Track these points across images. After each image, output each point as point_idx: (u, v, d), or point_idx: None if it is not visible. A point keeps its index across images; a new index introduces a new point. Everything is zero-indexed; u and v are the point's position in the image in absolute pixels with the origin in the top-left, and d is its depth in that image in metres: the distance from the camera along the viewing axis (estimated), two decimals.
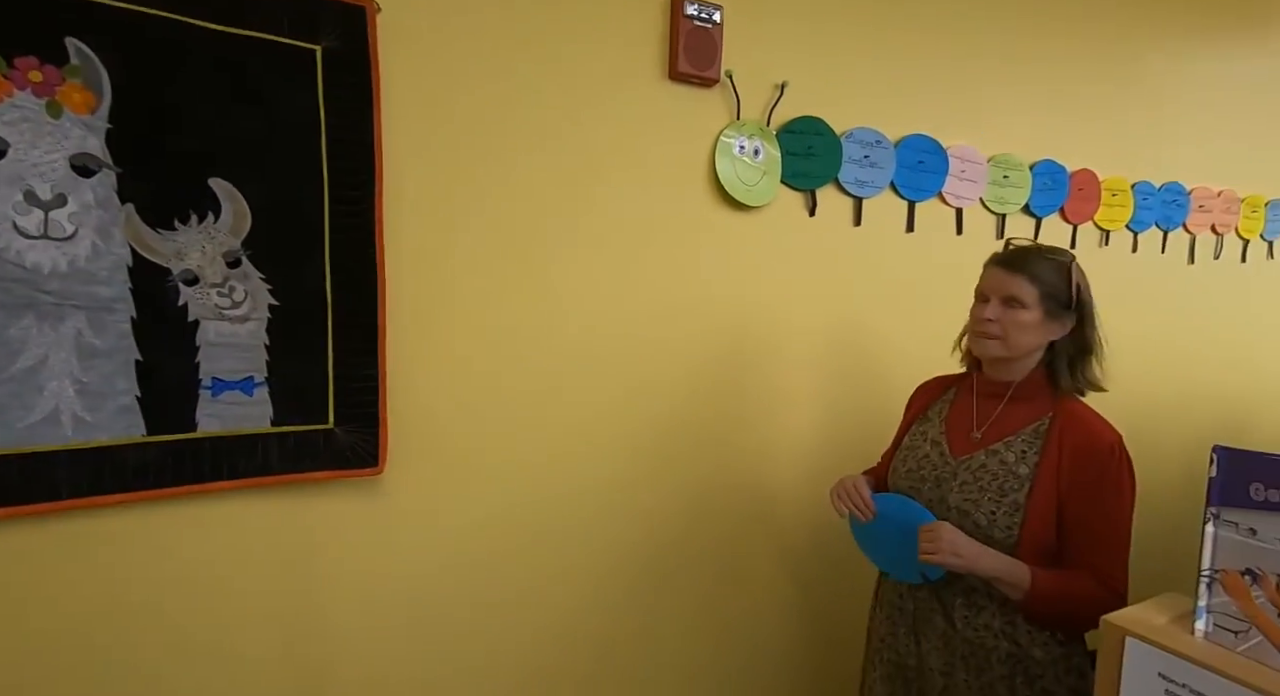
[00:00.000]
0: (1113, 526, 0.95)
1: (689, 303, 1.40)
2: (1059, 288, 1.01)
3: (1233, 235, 2.34)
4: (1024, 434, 1.02)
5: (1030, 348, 1.03)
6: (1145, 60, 2.00)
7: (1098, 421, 1.01)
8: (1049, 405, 1.03)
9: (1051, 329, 1.02)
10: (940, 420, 1.13)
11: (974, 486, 1.01)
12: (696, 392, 1.45)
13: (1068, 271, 1.02)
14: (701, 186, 1.38)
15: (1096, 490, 0.95)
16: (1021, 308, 1.01)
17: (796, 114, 1.45)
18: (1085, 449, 0.96)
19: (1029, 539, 0.95)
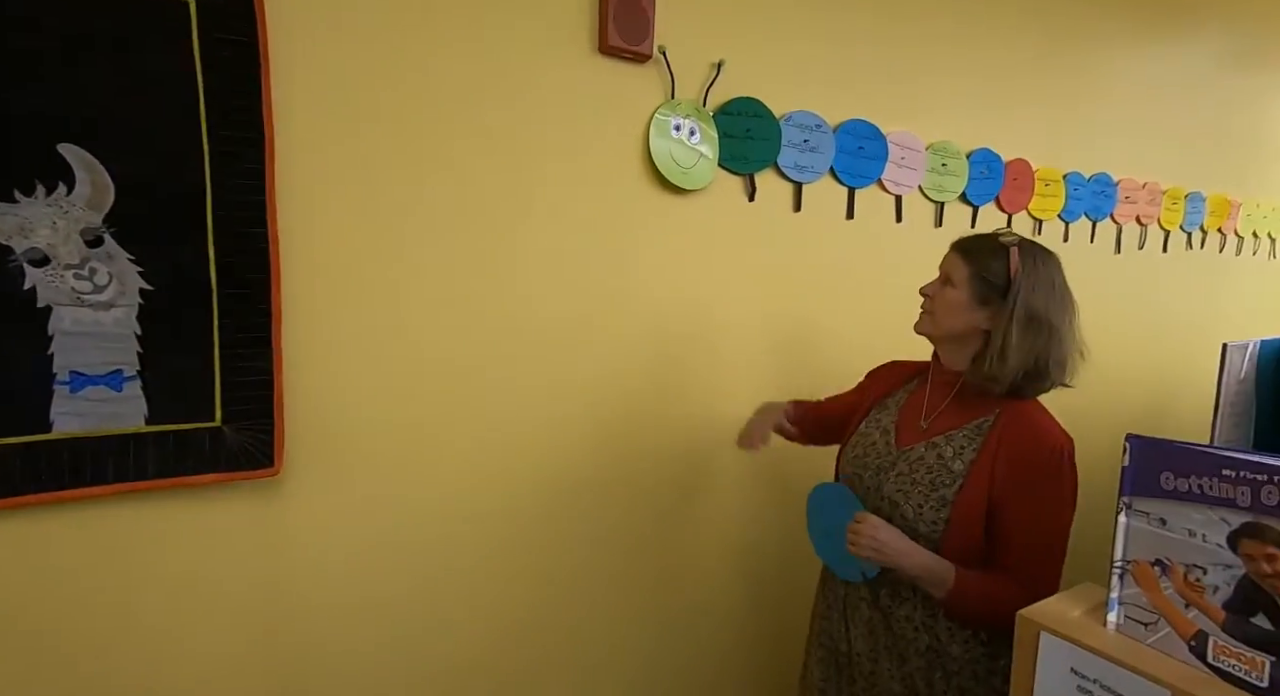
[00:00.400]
0: (1044, 533, 0.91)
1: (622, 291, 1.34)
2: (994, 272, 0.95)
3: (1155, 226, 2.43)
4: (966, 429, 0.98)
5: (956, 329, 0.99)
6: (1077, 54, 2.03)
7: (1044, 424, 0.95)
8: (997, 402, 0.97)
9: (979, 314, 0.96)
10: (896, 409, 1.10)
11: (908, 478, 0.98)
12: (629, 386, 1.39)
13: (1007, 256, 0.95)
14: (635, 169, 1.32)
15: (1030, 495, 0.90)
16: (952, 286, 0.99)
17: (734, 94, 1.40)
18: (1023, 452, 0.92)
19: (954, 536, 0.92)
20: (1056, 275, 0.97)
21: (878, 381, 1.20)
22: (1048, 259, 0.98)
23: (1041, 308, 0.93)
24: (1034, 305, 0.93)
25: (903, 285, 1.83)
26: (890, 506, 0.99)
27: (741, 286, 1.51)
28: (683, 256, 1.41)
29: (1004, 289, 0.95)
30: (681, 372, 1.46)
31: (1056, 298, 0.95)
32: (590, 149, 1.26)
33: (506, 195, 1.19)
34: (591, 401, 1.35)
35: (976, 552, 0.93)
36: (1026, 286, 0.93)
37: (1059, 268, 0.98)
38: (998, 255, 0.96)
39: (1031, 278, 0.94)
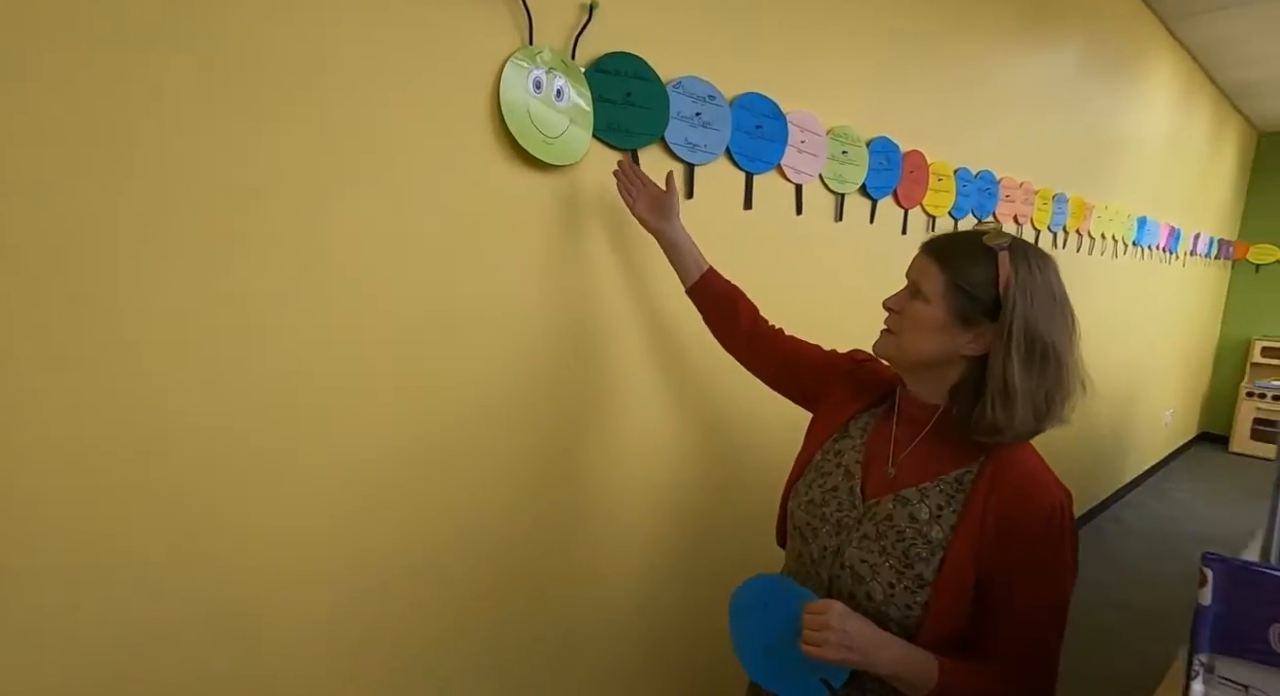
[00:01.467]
0: (1044, 613, 0.73)
1: (467, 294, 1.02)
2: (978, 284, 0.73)
3: (1029, 225, 2.46)
4: (944, 481, 0.77)
5: (929, 355, 0.77)
6: (963, 49, 1.96)
7: (1040, 477, 0.74)
8: (980, 446, 0.75)
9: (961, 338, 0.75)
10: (861, 441, 0.86)
11: (875, 545, 0.77)
12: (473, 410, 1.07)
13: (994, 260, 0.72)
14: (481, 134, 1.00)
15: (1027, 569, 0.71)
16: (923, 300, 0.77)
17: (610, 48, 1.12)
18: (1017, 514, 0.72)
19: (933, 624, 0.72)
20: (1056, 284, 0.74)
21: (847, 386, 0.93)
22: (1045, 264, 0.74)
23: (1044, 330, 0.72)
24: (1034, 327, 0.71)
25: (806, 283, 1.68)
26: (853, 579, 0.77)
27: (621, 285, 1.23)
28: (548, 248, 1.11)
29: (992, 305, 0.73)
30: (550, 386, 1.16)
31: (1059, 314, 0.74)
32: (417, 105, 0.92)
33: (300, 167, 0.83)
34: (441, 423, 1.01)
35: (957, 641, 0.73)
36: (1023, 302, 0.71)
37: (1058, 274, 0.75)
38: (982, 261, 0.73)
39: (1028, 290, 0.71)
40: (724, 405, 1.47)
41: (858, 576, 0.77)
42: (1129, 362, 3.67)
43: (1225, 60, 3.60)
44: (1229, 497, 4.08)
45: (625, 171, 1.10)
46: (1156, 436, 4.42)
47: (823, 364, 1.00)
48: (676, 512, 1.42)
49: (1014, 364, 0.71)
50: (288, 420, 0.86)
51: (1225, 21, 3.09)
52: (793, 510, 0.88)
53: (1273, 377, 5.04)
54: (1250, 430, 5.01)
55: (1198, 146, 4.01)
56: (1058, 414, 0.74)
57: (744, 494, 1.53)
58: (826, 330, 1.70)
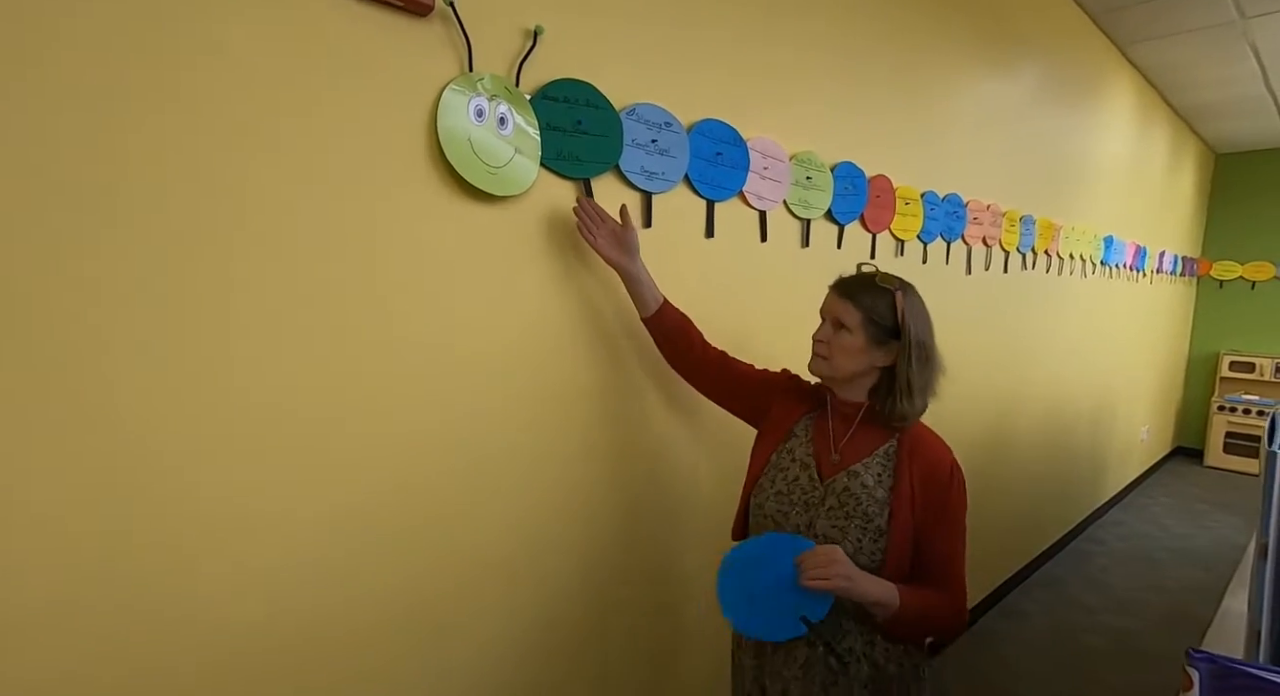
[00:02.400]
0: (955, 545, 0.98)
1: (403, 336, 0.95)
2: (883, 315, 1.00)
3: (998, 247, 2.46)
4: (877, 455, 1.01)
5: (855, 370, 1.02)
6: (926, 75, 1.96)
7: (937, 443, 1.02)
8: (890, 428, 1.02)
9: (876, 355, 1.01)
10: (808, 439, 1.08)
11: (839, 512, 0.99)
12: (410, 471, 1.00)
13: (892, 300, 1.00)
14: (419, 165, 0.94)
15: (941, 512, 0.97)
16: (846, 331, 1.01)
17: (557, 75, 1.08)
18: (930, 473, 0.98)
19: (891, 564, 0.95)
20: (923, 304, 1.02)
21: (787, 400, 1.15)
22: (916, 292, 1.03)
23: (927, 339, 1.00)
24: (922, 340, 1.00)
25: (773, 312, 1.64)
26: (826, 542, 0.98)
27: (577, 314, 1.18)
28: (497, 287, 1.05)
29: (894, 329, 0.99)
30: (500, 435, 1.09)
31: (928, 325, 1.02)
32: (348, 135, 0.86)
33: (218, 204, 0.76)
34: (356, 495, 0.93)
35: (904, 573, 0.96)
36: (915, 325, 0.99)
37: (920, 296, 1.03)
38: (882, 297, 1.00)
39: (915, 316, 1.00)
40: (681, 424, 1.41)
41: (830, 540, 0.97)
42: (1102, 380, 3.69)
43: (1178, 84, 3.70)
44: (1205, 512, 4.09)
45: (584, 208, 1.13)
46: (1133, 453, 4.44)
47: (762, 383, 1.21)
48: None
49: (913, 368, 0.98)
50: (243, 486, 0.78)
51: (1175, 48, 3.18)
52: (761, 503, 1.07)
53: (1242, 391, 5.12)
54: (1223, 444, 5.06)
55: (1158, 167, 4.10)
56: (934, 393, 1.03)
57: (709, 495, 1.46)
58: (795, 354, 1.66)
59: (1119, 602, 2.88)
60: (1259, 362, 5.04)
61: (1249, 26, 2.91)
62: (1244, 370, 5.10)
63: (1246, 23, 2.87)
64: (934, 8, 1.95)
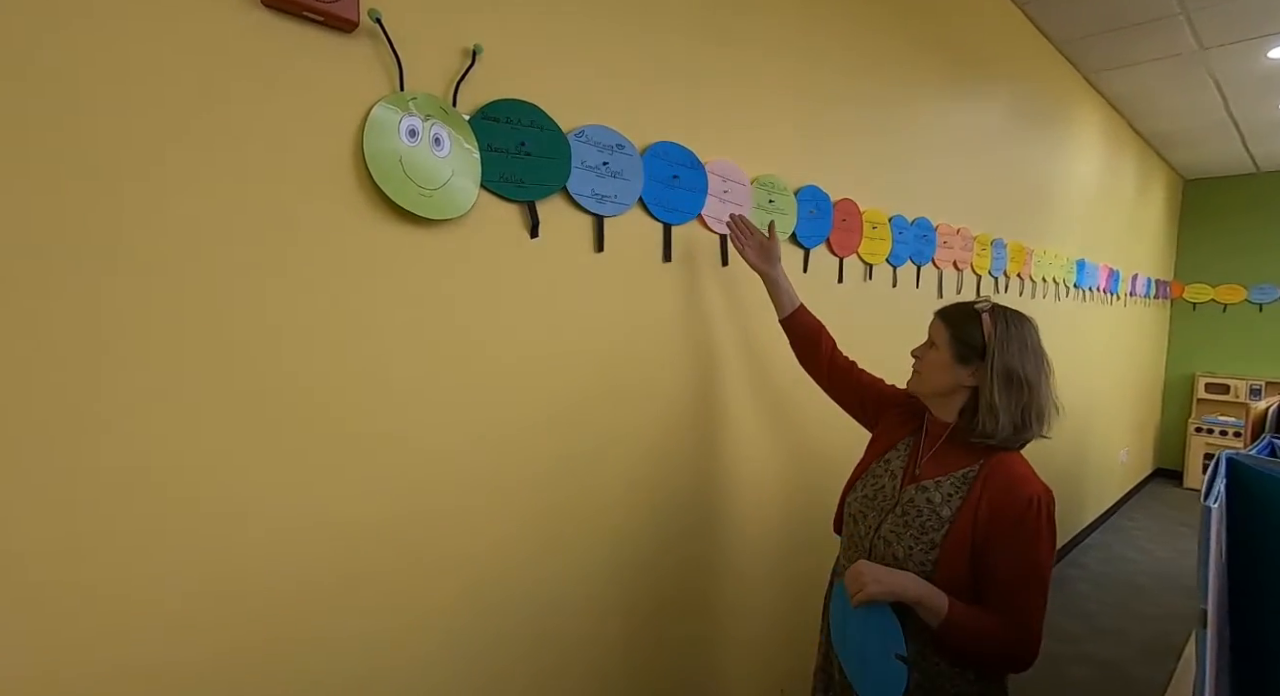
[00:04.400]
0: (1024, 576, 0.95)
1: (322, 376, 0.89)
2: (971, 334, 1.04)
3: (969, 271, 2.46)
4: (954, 477, 1.04)
5: (942, 387, 1.07)
6: (893, 97, 1.96)
7: (1023, 475, 1.00)
8: (982, 452, 1.03)
9: (962, 373, 1.04)
10: (906, 453, 1.14)
11: (901, 520, 1.05)
12: (348, 527, 0.93)
13: (977, 317, 1.04)
14: (347, 188, 0.89)
15: (1011, 540, 0.96)
16: (935, 348, 1.08)
17: (502, 95, 1.04)
18: (1003, 500, 0.98)
19: (941, 576, 0.98)
20: (1029, 336, 1.04)
21: (898, 415, 1.21)
22: (1020, 322, 1.04)
23: (1017, 366, 1.01)
24: (1010, 364, 1.01)
25: (734, 338, 1.60)
26: (884, 545, 1.05)
27: (526, 350, 1.12)
28: (424, 316, 0.99)
29: (981, 349, 1.03)
30: (442, 487, 1.02)
31: (1030, 356, 1.02)
32: (259, 158, 0.81)
33: (121, 234, 0.70)
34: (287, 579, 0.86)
35: (962, 592, 0.97)
36: (1001, 347, 1.01)
37: (1032, 330, 1.05)
38: (973, 319, 1.05)
39: (1004, 339, 1.02)
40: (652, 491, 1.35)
41: (888, 542, 1.04)
42: (1080, 403, 3.69)
43: (1143, 111, 3.77)
44: (1186, 535, 4.07)
45: (736, 223, 1.37)
46: (1113, 475, 4.43)
47: (878, 395, 1.29)
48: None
49: (996, 389, 1.00)
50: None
51: (1138, 77, 3.24)
52: (850, 502, 1.16)
53: (1218, 412, 5.15)
54: (1201, 465, 5.07)
55: (1127, 191, 4.17)
56: (1033, 426, 1.02)
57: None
58: (761, 380, 1.62)
59: (1101, 631, 2.82)
60: (1233, 384, 5.08)
61: (1208, 57, 2.97)
62: (1219, 391, 5.14)
63: (1205, 53, 2.93)
64: (901, 35, 1.96)
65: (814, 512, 1.79)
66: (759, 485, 1.64)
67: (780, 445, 1.69)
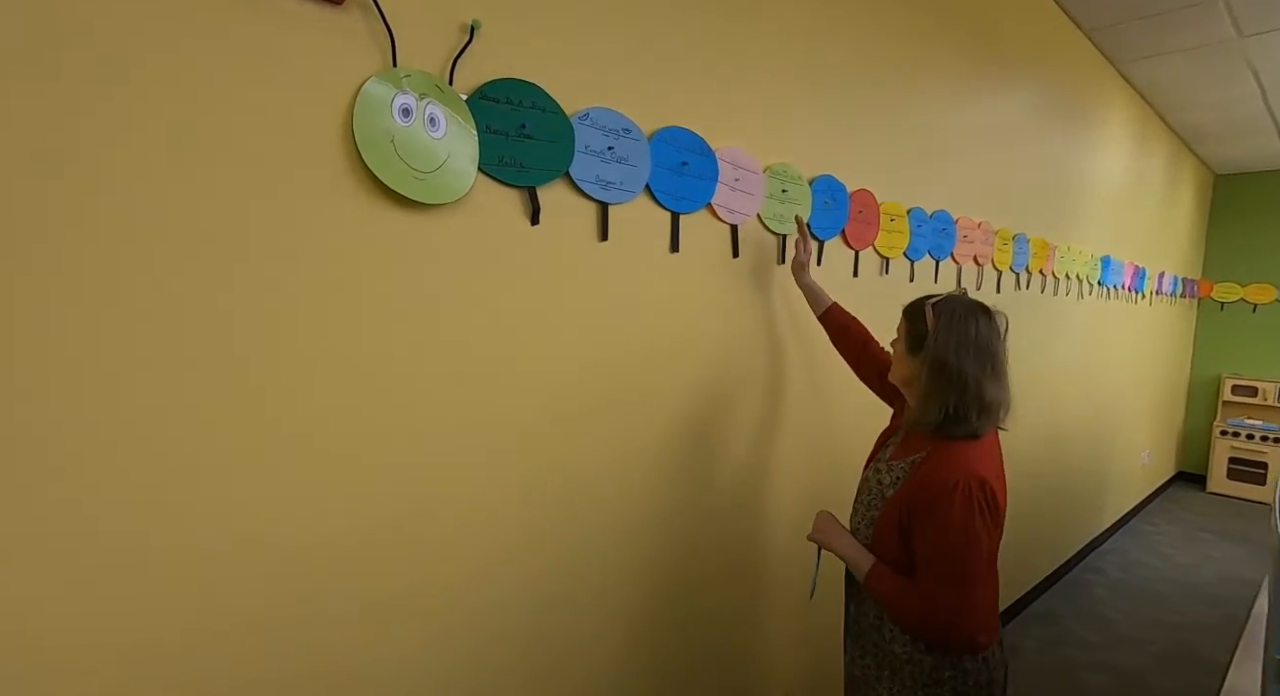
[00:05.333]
0: (930, 556, 1.00)
1: (308, 372, 0.85)
2: (917, 324, 1.08)
3: (990, 266, 2.37)
4: (906, 462, 1.11)
5: (903, 376, 1.13)
6: (913, 87, 1.89)
7: (950, 461, 1.02)
8: (931, 441, 1.07)
9: (914, 364, 1.08)
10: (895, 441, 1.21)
11: (860, 499, 1.18)
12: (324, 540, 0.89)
13: (921, 309, 1.08)
14: (336, 170, 0.85)
15: (924, 522, 1.01)
16: (898, 340, 1.14)
17: (497, 74, 0.99)
18: (923, 484, 1.03)
19: (877, 550, 1.09)
20: (975, 330, 1.04)
21: (896, 413, 1.28)
22: (969, 315, 1.05)
23: (951, 358, 1.03)
24: (942, 356, 1.03)
25: (745, 332, 1.55)
26: (851, 517, 1.21)
27: (525, 343, 1.08)
28: (417, 305, 0.95)
29: (923, 340, 1.06)
30: (433, 486, 0.99)
31: (970, 349, 1.03)
32: (239, 135, 0.77)
33: (73, 222, 0.67)
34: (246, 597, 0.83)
35: (898, 566, 1.06)
36: (940, 340, 1.04)
37: (983, 324, 1.05)
38: (921, 312, 1.09)
39: (945, 331, 1.04)
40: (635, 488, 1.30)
41: (851, 515, 1.20)
42: (1101, 403, 3.58)
43: (1176, 103, 3.63)
44: (1209, 541, 3.95)
45: (800, 246, 1.48)
46: (1134, 478, 4.32)
47: (895, 389, 1.27)
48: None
49: (925, 378, 1.05)
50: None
51: (1172, 66, 3.12)
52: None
53: (1244, 415, 5.00)
54: (1226, 469, 4.93)
55: (1156, 187, 4.03)
56: (972, 419, 1.03)
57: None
58: (769, 378, 1.57)
59: (1120, 639, 2.74)
60: (1261, 387, 4.92)
61: (1246, 45, 2.84)
62: (1247, 394, 4.98)
63: (1244, 41, 2.80)
64: (921, 19, 1.88)
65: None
66: (777, 484, 1.59)
67: (798, 436, 1.64)
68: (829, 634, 1.73)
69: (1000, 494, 1.02)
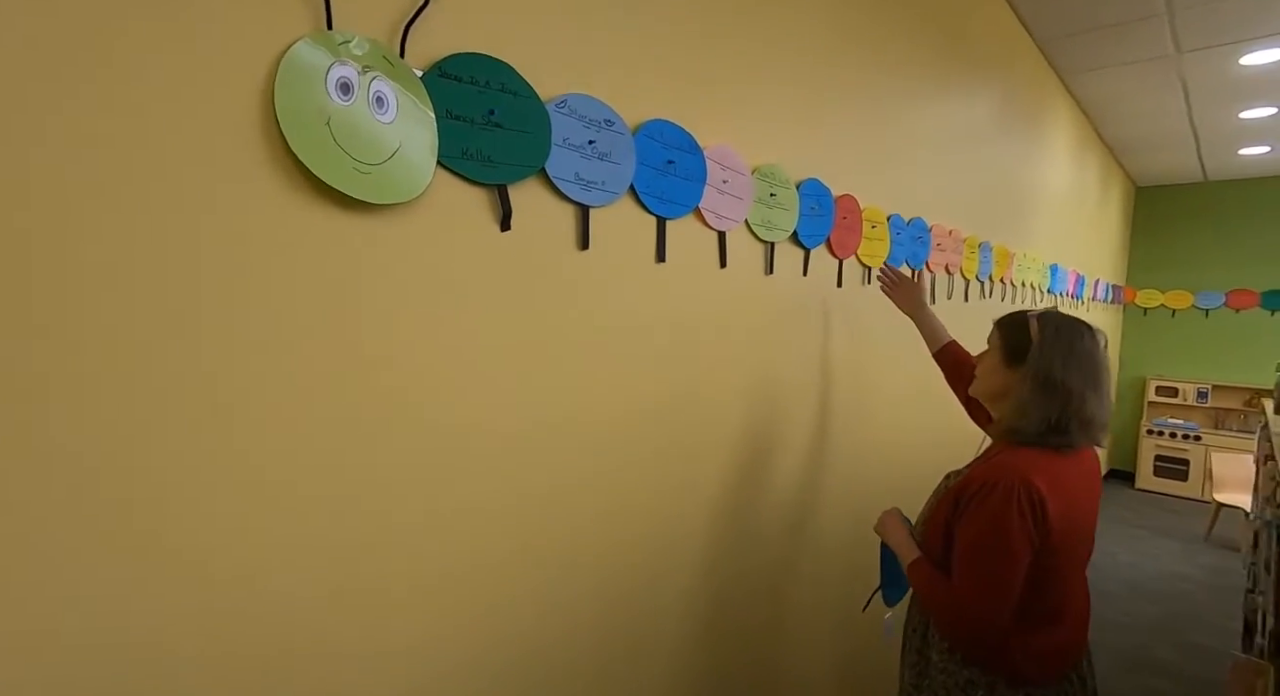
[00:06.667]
0: (968, 550, 1.00)
1: (245, 389, 0.65)
2: (1017, 336, 1.07)
3: (959, 275, 2.34)
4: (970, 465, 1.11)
5: (994, 388, 1.12)
6: (888, 90, 1.81)
7: (1010, 465, 1.00)
8: (1000, 448, 1.08)
9: (1011, 376, 1.07)
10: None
11: (928, 501, 1.18)
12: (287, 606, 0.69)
13: (1027, 322, 1.07)
14: (254, 159, 0.65)
15: (960, 519, 1.01)
16: (989, 352, 1.14)
17: (459, 47, 0.82)
18: (973, 479, 1.02)
19: (924, 547, 1.10)
20: (1078, 343, 1.04)
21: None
22: (1071, 329, 1.05)
23: (1058, 371, 1.02)
24: (1048, 368, 1.02)
25: (731, 352, 1.32)
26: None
27: (491, 370, 0.90)
28: (365, 328, 0.76)
29: (1022, 352, 1.05)
30: (372, 550, 0.80)
31: (1076, 363, 1.02)
32: (122, 112, 0.57)
33: None
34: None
35: (941, 563, 1.05)
36: (1045, 352, 1.03)
37: (1084, 337, 1.04)
38: (1022, 324, 1.08)
39: (1051, 345, 1.03)
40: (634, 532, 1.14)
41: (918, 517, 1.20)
42: None
43: (1111, 116, 3.78)
44: (1143, 537, 4.12)
45: (887, 272, 1.58)
46: None
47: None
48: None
49: (1026, 390, 1.03)
50: None
51: (1111, 80, 3.22)
52: None
53: (1168, 415, 5.29)
54: (1153, 467, 5.19)
55: (1091, 197, 4.19)
56: (1074, 433, 1.02)
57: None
58: (761, 396, 1.44)
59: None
60: (1181, 387, 5.22)
61: (1182, 61, 2.96)
62: (1169, 395, 5.27)
63: (1181, 57, 2.91)
64: (897, 21, 1.81)
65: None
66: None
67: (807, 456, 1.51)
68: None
69: (1055, 504, 0.97)
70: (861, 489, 1.86)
